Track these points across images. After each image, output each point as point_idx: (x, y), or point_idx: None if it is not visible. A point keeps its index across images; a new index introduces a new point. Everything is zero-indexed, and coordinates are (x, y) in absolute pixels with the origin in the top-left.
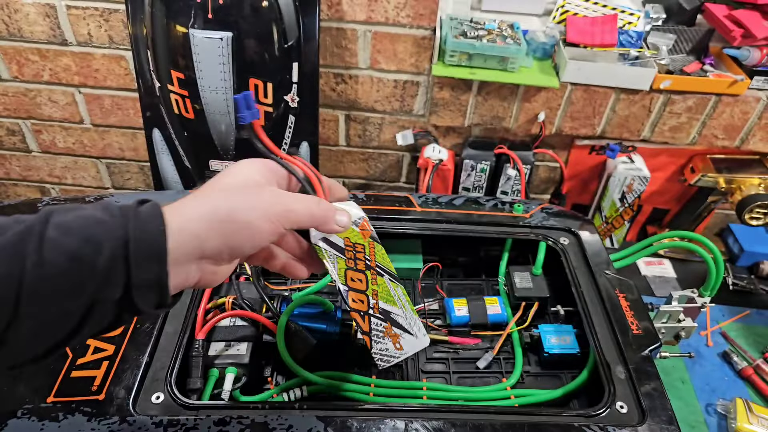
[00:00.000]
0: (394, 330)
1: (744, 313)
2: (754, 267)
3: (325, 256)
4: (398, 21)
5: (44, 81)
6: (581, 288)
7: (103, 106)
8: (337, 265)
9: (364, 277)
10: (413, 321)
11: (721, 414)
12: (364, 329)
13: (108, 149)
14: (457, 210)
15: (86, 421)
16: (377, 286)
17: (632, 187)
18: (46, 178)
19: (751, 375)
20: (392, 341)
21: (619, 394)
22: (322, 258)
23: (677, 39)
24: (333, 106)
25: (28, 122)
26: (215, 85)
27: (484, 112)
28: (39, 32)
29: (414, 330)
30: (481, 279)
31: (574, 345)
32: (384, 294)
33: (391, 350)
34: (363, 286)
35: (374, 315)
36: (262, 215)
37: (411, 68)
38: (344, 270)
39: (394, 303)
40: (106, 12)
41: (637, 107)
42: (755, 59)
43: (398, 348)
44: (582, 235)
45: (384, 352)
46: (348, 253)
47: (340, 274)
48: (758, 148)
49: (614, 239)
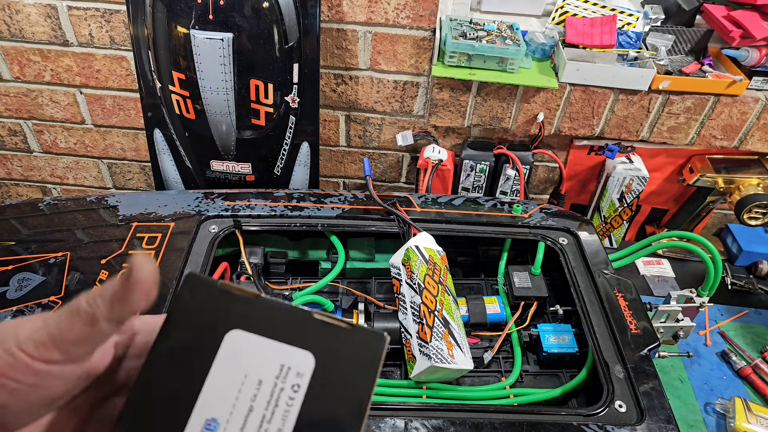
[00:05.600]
0: (449, 338)
1: (742, 312)
2: (753, 267)
3: (415, 257)
4: (398, 22)
5: (46, 81)
6: (580, 287)
7: (104, 106)
8: (420, 268)
9: (437, 285)
10: (464, 342)
11: (720, 413)
12: (429, 323)
13: (109, 149)
14: (456, 210)
15: None
16: (444, 299)
17: (631, 187)
18: (47, 178)
19: (750, 374)
20: (447, 346)
21: (617, 393)
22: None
23: (676, 40)
24: (333, 107)
25: (30, 122)
26: (216, 85)
27: (483, 113)
28: (40, 33)
29: (464, 348)
30: (480, 278)
31: (572, 344)
32: (447, 308)
33: (444, 352)
34: (435, 291)
35: (438, 317)
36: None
37: (411, 69)
38: (424, 274)
39: (453, 319)
40: (108, 13)
41: (636, 108)
42: (754, 60)
43: (450, 355)
44: (581, 235)
45: (439, 350)
46: (429, 264)
47: (420, 275)
48: (757, 148)
49: (613, 239)
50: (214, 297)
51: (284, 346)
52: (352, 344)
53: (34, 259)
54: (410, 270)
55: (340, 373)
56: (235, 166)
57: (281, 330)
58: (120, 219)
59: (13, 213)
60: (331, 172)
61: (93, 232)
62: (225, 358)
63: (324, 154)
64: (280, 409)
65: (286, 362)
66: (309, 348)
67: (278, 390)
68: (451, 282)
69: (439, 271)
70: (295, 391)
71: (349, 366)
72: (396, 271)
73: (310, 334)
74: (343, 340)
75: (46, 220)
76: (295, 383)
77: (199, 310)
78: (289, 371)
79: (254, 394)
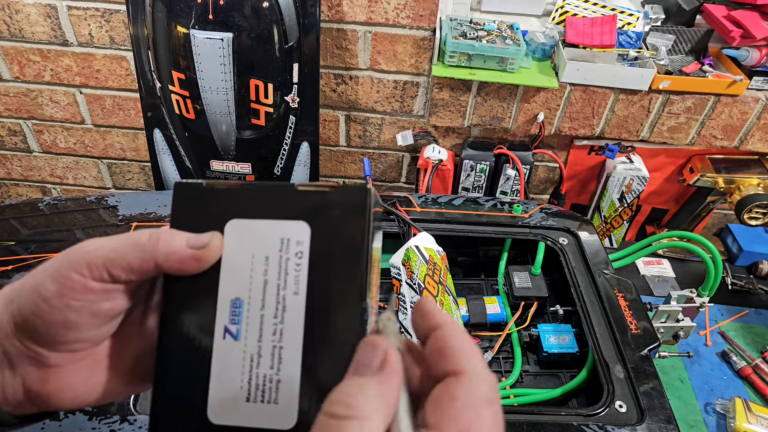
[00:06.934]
0: None
1: (743, 312)
2: (753, 267)
3: (416, 257)
4: (398, 22)
5: (45, 81)
6: (580, 288)
7: (104, 106)
8: (420, 268)
9: (437, 285)
10: None
11: (720, 413)
12: None
13: (109, 149)
14: (456, 210)
15: (87, 420)
16: (444, 299)
17: (631, 187)
18: (47, 178)
19: (750, 374)
20: None
21: (617, 393)
22: (413, 258)
23: (676, 39)
24: (333, 107)
25: (30, 122)
26: (216, 85)
27: (483, 113)
28: (40, 33)
29: None
30: (480, 279)
31: (573, 344)
32: (447, 308)
33: None
34: (435, 292)
35: None
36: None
37: (411, 69)
38: (424, 274)
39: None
40: (107, 13)
41: (636, 108)
42: (754, 60)
43: None
44: (581, 235)
45: None
46: (430, 264)
47: (421, 275)
48: (757, 148)
49: (613, 239)
50: (205, 196)
51: (279, 221)
52: (339, 202)
53: (33, 259)
54: (410, 270)
55: (334, 231)
56: (235, 166)
57: (272, 208)
58: (120, 219)
59: (13, 213)
60: (331, 172)
61: (93, 233)
62: (231, 246)
63: (324, 154)
64: (291, 276)
65: (285, 235)
66: (301, 217)
67: (284, 261)
68: (451, 282)
69: (439, 271)
70: (299, 257)
71: (341, 222)
72: (396, 271)
73: (299, 205)
74: (329, 201)
75: (45, 220)
76: (298, 251)
77: (195, 212)
78: (289, 242)
79: (265, 269)
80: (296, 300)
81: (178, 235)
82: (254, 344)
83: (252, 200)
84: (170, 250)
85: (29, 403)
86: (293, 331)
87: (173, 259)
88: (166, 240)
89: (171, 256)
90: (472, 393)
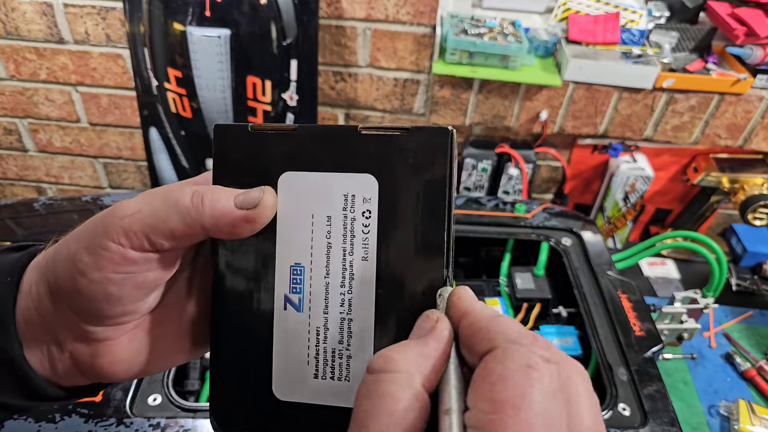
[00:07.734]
0: None
1: (747, 314)
2: (758, 267)
3: None
4: (398, 19)
5: (41, 80)
6: (583, 289)
7: (100, 105)
8: None
9: None
10: None
11: (724, 416)
12: None
13: (105, 148)
14: (458, 210)
15: (83, 422)
16: None
17: (635, 186)
18: (42, 177)
19: (754, 376)
20: None
21: (621, 396)
22: None
23: (680, 37)
24: (332, 105)
25: (25, 121)
26: (213, 83)
27: (485, 111)
28: (36, 31)
29: None
30: (482, 280)
31: (576, 346)
32: None
33: None
34: None
35: None
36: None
37: (411, 66)
38: None
39: None
40: (104, 10)
41: (640, 106)
42: (759, 58)
43: None
44: (584, 235)
45: None
46: None
47: None
48: (761, 147)
49: (617, 239)
50: (253, 142)
51: (341, 175)
52: (413, 149)
53: None
54: None
55: (408, 186)
56: None
57: (332, 158)
58: None
59: (8, 213)
60: None
61: None
62: (285, 204)
63: None
64: (358, 239)
65: (349, 191)
66: (367, 170)
67: (350, 221)
68: None
69: None
70: (367, 217)
71: (416, 174)
72: None
73: (364, 154)
74: (401, 147)
75: (41, 220)
76: (365, 209)
77: (241, 163)
78: (354, 200)
79: (327, 231)
80: (366, 267)
81: (224, 192)
82: (320, 316)
83: (307, 148)
84: (217, 212)
85: (82, 376)
86: (364, 303)
87: (222, 223)
88: (211, 200)
89: (219, 220)
90: (507, 363)
